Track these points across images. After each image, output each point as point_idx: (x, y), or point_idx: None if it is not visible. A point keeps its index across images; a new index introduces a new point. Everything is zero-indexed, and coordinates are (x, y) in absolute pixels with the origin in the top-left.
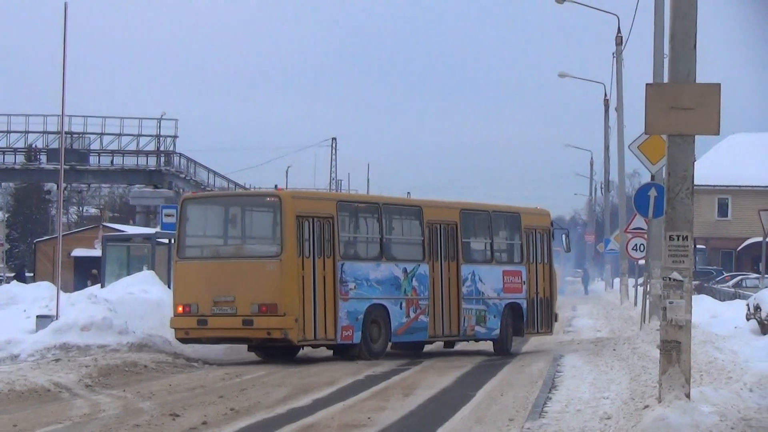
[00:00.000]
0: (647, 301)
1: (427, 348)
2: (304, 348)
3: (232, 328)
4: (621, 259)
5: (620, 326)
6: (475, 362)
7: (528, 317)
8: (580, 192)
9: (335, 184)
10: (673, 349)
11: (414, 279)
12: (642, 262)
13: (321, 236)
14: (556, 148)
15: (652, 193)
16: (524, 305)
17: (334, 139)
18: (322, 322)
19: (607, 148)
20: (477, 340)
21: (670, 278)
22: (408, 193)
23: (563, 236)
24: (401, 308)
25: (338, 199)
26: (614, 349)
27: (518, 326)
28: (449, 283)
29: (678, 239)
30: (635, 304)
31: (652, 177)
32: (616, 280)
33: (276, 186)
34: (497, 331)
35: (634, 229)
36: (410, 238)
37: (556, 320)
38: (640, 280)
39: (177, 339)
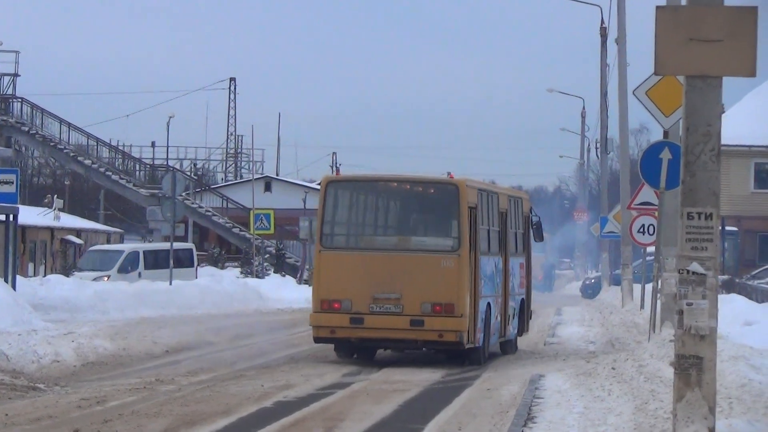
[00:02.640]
0: (658, 303)
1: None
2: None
3: (397, 329)
4: (623, 245)
5: (622, 336)
6: (426, 382)
7: (525, 314)
8: (567, 153)
9: (235, 140)
10: (693, 367)
11: (497, 275)
12: (652, 249)
13: (473, 228)
14: (536, 95)
15: (665, 155)
16: (525, 300)
17: (232, 80)
18: (471, 323)
19: (604, 93)
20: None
21: (688, 271)
22: (334, 153)
23: (534, 223)
24: (495, 307)
25: (478, 187)
26: (613, 368)
27: (521, 325)
28: (504, 279)
29: (699, 218)
30: (642, 306)
31: (665, 134)
32: (617, 274)
33: (448, 173)
34: (516, 330)
35: (640, 204)
36: (493, 229)
37: (530, 318)
38: (650, 274)
39: (315, 338)
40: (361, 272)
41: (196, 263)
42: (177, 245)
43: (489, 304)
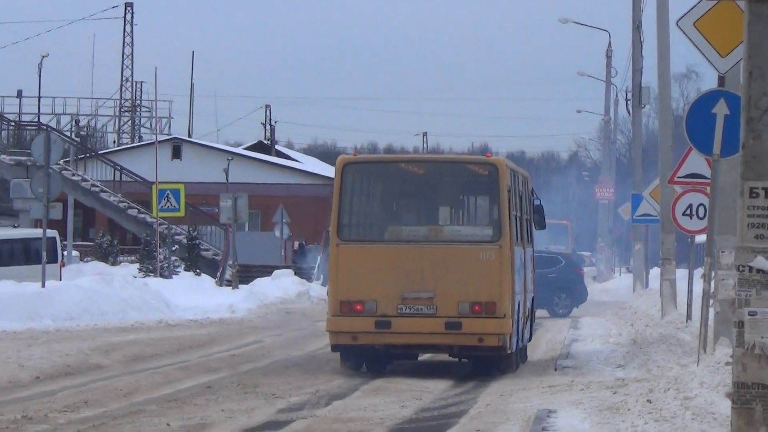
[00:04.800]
0: (711, 312)
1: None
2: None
3: (430, 333)
4: (663, 232)
5: (661, 357)
6: (391, 420)
7: (533, 316)
8: (587, 107)
9: (132, 89)
10: (757, 399)
11: (521, 269)
12: (702, 238)
13: (511, 215)
14: (544, 27)
15: (721, 109)
16: (534, 300)
17: (128, 6)
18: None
19: (637, 25)
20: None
21: (750, 268)
22: (267, 106)
23: (535, 207)
24: (521, 306)
25: (511, 167)
26: (649, 401)
27: (531, 329)
28: (524, 273)
29: (766, 195)
30: (689, 317)
31: (721, 80)
32: (654, 272)
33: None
34: (528, 335)
35: (686, 177)
36: (518, 215)
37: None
38: (698, 273)
39: (333, 345)
40: (387, 268)
41: (61, 257)
42: (34, 233)
43: (519, 302)
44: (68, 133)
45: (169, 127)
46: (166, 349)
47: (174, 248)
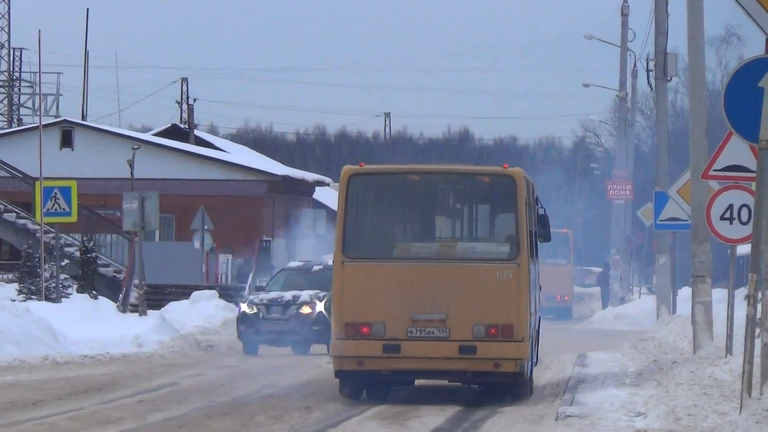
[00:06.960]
0: (757, 344)
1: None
2: None
3: (442, 358)
4: (695, 241)
5: (693, 403)
6: None
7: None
8: (596, 81)
9: (9, 56)
10: None
11: (534, 288)
12: (745, 248)
13: (528, 230)
14: None
15: None
16: (539, 324)
17: None
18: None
19: None
20: None
21: None
22: (183, 80)
23: (540, 217)
24: (533, 329)
25: (527, 178)
26: None
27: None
28: (536, 292)
29: None
30: (729, 351)
31: None
32: (684, 293)
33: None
34: (536, 358)
35: (725, 169)
36: (531, 229)
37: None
38: (741, 294)
39: (337, 371)
40: (395, 288)
41: None
42: None
43: (533, 324)
44: None
45: (57, 106)
46: (53, 394)
47: (64, 263)
